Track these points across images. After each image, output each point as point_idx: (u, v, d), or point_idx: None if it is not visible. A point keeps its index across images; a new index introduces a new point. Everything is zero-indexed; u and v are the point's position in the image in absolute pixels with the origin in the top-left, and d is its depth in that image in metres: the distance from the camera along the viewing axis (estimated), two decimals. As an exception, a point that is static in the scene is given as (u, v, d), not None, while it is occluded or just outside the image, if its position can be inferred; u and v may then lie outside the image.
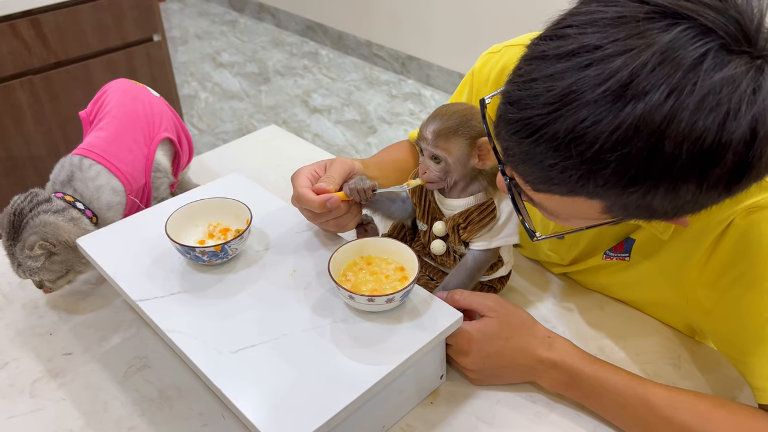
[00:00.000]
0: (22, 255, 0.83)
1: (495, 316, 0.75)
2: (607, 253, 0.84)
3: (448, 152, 0.74)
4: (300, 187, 0.79)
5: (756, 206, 0.66)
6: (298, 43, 4.00)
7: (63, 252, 0.84)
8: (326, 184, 0.78)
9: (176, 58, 3.79)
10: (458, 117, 0.74)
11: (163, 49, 2.06)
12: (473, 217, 0.77)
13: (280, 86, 3.48)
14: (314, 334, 0.69)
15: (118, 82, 1.02)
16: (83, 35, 1.84)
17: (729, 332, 0.72)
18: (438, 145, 0.74)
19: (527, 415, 0.74)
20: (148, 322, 0.73)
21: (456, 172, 0.75)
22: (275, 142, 1.31)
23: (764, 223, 0.66)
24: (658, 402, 0.68)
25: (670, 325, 0.85)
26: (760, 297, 0.67)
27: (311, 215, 0.80)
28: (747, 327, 0.68)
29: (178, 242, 0.76)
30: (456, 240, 0.79)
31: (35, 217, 0.84)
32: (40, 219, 0.84)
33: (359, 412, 0.65)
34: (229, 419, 0.74)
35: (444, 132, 0.74)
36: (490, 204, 0.77)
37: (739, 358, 0.71)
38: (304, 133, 3.05)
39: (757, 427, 0.66)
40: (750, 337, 0.68)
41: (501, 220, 0.77)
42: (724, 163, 0.50)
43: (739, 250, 0.68)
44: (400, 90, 3.41)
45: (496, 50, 0.92)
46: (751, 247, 0.67)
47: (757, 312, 0.67)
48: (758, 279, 0.67)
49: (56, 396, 0.77)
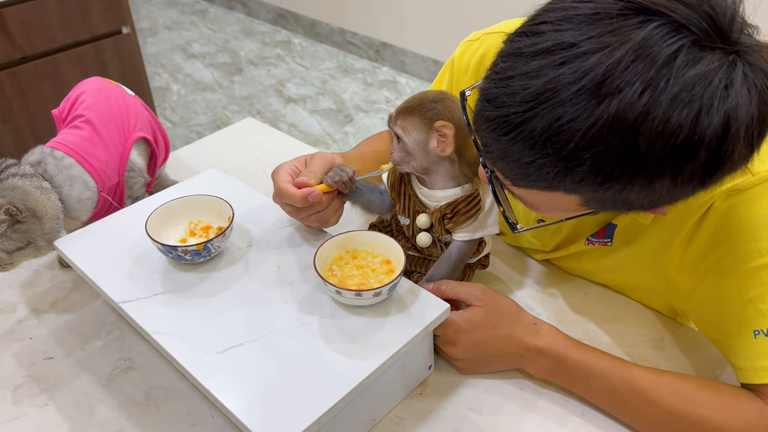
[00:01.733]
0: None
1: (481, 305, 0.75)
2: (589, 239, 0.84)
3: (405, 131, 0.75)
4: (281, 182, 0.78)
5: (735, 189, 0.67)
6: (270, 32, 3.95)
7: (29, 221, 0.81)
8: (307, 178, 0.77)
9: (146, 50, 3.71)
10: (422, 99, 0.75)
11: (133, 41, 2.02)
12: (460, 208, 0.76)
13: (253, 76, 3.44)
14: (302, 330, 0.69)
15: (92, 81, 0.99)
16: (49, 29, 1.80)
17: (711, 314, 0.73)
18: (397, 122, 0.76)
19: (516, 402, 0.75)
20: (132, 324, 0.72)
21: (417, 155, 0.75)
22: (252, 134, 1.30)
23: (744, 205, 0.67)
24: (643, 384, 0.69)
25: (652, 308, 0.87)
26: (741, 279, 0.68)
27: (293, 210, 0.80)
28: (728, 309, 0.70)
29: (160, 242, 0.75)
30: (441, 231, 0.79)
31: (4, 180, 0.80)
32: (9, 183, 0.80)
33: (349, 407, 0.65)
34: (218, 418, 0.73)
35: (403, 110, 0.76)
36: (477, 195, 0.77)
37: (721, 339, 0.72)
38: (280, 123, 3.02)
39: (740, 405, 0.67)
40: (731, 318, 0.69)
41: (485, 210, 0.78)
42: (697, 158, 0.50)
43: (719, 234, 0.69)
44: (375, 78, 3.39)
45: (475, 38, 0.92)
46: (731, 230, 0.68)
47: (738, 294, 0.68)
48: (738, 261, 0.68)
49: (39, 402, 0.76)
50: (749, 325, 0.67)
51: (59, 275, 0.93)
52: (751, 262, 0.67)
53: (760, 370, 0.67)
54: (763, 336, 0.66)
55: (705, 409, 0.67)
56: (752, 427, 0.66)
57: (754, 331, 0.67)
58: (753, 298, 0.67)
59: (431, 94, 0.76)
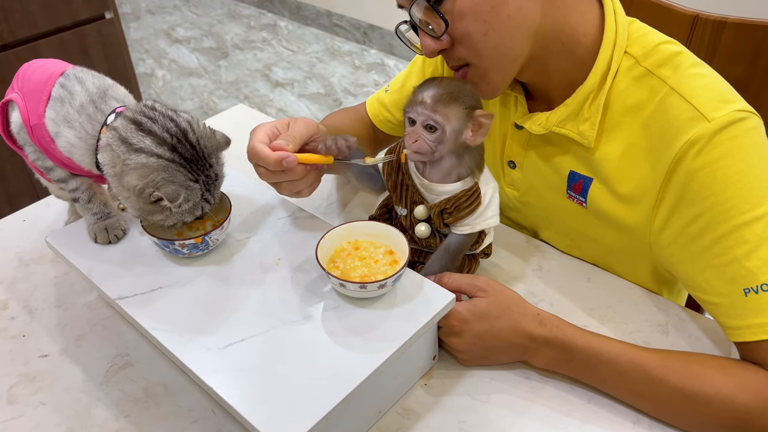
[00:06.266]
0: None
1: (485, 296, 0.74)
2: (568, 192, 0.85)
3: (447, 119, 0.71)
4: (256, 141, 0.75)
5: (696, 138, 0.68)
6: (255, 15, 3.89)
7: None
8: (285, 142, 0.74)
9: (129, 35, 3.64)
10: (457, 84, 0.72)
11: (117, 26, 1.97)
12: (461, 202, 0.75)
13: (240, 60, 3.39)
14: (305, 324, 0.67)
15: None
16: (30, 15, 1.75)
17: (696, 275, 0.73)
18: (437, 110, 0.71)
19: (522, 390, 0.74)
20: (131, 321, 0.70)
21: (448, 144, 0.72)
22: (244, 122, 1.27)
23: (717, 163, 0.68)
24: (651, 365, 0.69)
25: (645, 287, 0.87)
26: (723, 239, 0.69)
27: (265, 173, 0.77)
28: (715, 270, 0.70)
29: (156, 236, 0.73)
30: (440, 224, 0.77)
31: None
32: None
33: (355, 401, 0.64)
34: (219, 414, 0.72)
35: (444, 97, 0.71)
36: (477, 189, 0.75)
37: (710, 300, 0.72)
38: (268, 108, 2.98)
39: (748, 377, 0.68)
40: (720, 279, 0.70)
41: (484, 203, 0.76)
42: None
43: (693, 196, 0.70)
44: (364, 60, 3.35)
45: None
46: (705, 191, 0.69)
47: (722, 254, 0.69)
48: (718, 222, 0.69)
49: (35, 401, 0.74)
50: (739, 284, 0.68)
51: (51, 270, 0.91)
52: (730, 222, 0.68)
53: (754, 327, 0.68)
54: (753, 294, 0.67)
55: (715, 383, 0.67)
56: (761, 394, 0.66)
57: (744, 289, 0.68)
58: (738, 256, 0.68)
59: (456, 80, 0.74)
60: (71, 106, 0.72)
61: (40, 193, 0.98)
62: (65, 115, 0.72)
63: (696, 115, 0.69)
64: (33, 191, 1.95)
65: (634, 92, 0.75)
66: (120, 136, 0.68)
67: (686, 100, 0.70)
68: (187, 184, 0.68)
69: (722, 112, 0.68)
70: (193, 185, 0.69)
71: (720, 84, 0.72)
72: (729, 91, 0.72)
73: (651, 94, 0.74)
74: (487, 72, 0.76)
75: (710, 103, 0.69)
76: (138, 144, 0.67)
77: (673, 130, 0.71)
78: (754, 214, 0.67)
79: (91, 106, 0.72)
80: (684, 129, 0.70)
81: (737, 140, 0.68)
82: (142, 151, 0.67)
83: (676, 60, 0.73)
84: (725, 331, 0.72)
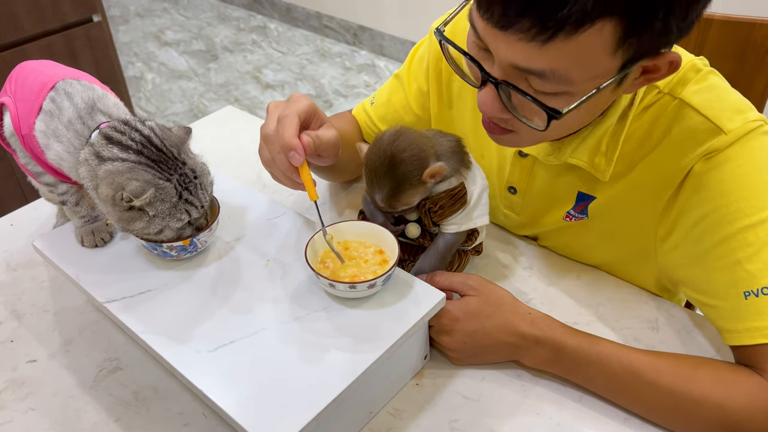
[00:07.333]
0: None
1: (476, 294, 0.74)
2: (568, 213, 0.85)
3: (406, 202, 0.73)
4: (291, 137, 0.70)
5: (711, 150, 0.68)
6: (244, 18, 3.88)
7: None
8: (311, 142, 0.72)
9: (117, 39, 3.62)
10: (395, 169, 0.70)
11: (105, 29, 1.96)
12: (444, 202, 0.75)
13: (230, 63, 3.38)
14: (295, 325, 0.67)
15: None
16: (16, 18, 1.74)
17: (697, 279, 0.73)
18: (394, 206, 0.73)
19: (514, 389, 0.74)
20: (120, 324, 0.70)
21: (421, 198, 0.75)
22: (233, 123, 1.27)
23: (721, 167, 0.68)
24: (642, 368, 0.69)
25: (645, 289, 0.86)
26: (726, 241, 0.69)
27: (270, 160, 0.74)
28: (716, 272, 0.70)
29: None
30: (429, 223, 0.77)
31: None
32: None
33: (346, 402, 0.64)
34: (210, 417, 0.71)
35: (391, 193, 0.72)
36: (461, 189, 0.75)
37: (709, 303, 0.72)
38: (258, 110, 2.98)
39: (739, 380, 0.68)
40: (720, 282, 0.70)
41: (471, 203, 0.76)
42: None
43: (699, 197, 0.70)
44: (354, 62, 3.35)
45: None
46: (711, 193, 0.69)
47: (724, 256, 0.69)
48: (721, 224, 0.69)
49: (24, 407, 0.73)
50: (739, 287, 0.68)
51: (38, 275, 0.90)
52: (735, 224, 0.68)
53: (752, 330, 0.67)
54: (753, 297, 0.67)
55: (705, 387, 0.67)
56: (752, 401, 0.66)
57: (745, 292, 0.67)
58: (740, 259, 0.68)
59: (390, 152, 0.71)
60: (60, 122, 0.73)
61: (28, 197, 0.97)
62: (54, 129, 0.73)
63: (711, 128, 0.69)
64: (21, 195, 1.94)
65: (650, 115, 0.74)
66: (94, 151, 0.70)
67: (699, 113, 0.70)
68: (156, 182, 0.68)
69: (737, 123, 0.68)
70: (164, 183, 0.68)
71: (731, 93, 0.72)
72: (740, 100, 0.71)
73: (661, 108, 0.73)
74: (521, 141, 0.73)
75: (724, 114, 0.69)
76: (106, 154, 0.69)
77: (688, 142, 0.70)
78: (759, 217, 0.67)
79: (78, 122, 0.73)
80: (699, 141, 0.69)
81: (749, 146, 0.68)
82: (110, 159, 0.69)
83: (687, 75, 0.72)
84: (722, 334, 0.71)
